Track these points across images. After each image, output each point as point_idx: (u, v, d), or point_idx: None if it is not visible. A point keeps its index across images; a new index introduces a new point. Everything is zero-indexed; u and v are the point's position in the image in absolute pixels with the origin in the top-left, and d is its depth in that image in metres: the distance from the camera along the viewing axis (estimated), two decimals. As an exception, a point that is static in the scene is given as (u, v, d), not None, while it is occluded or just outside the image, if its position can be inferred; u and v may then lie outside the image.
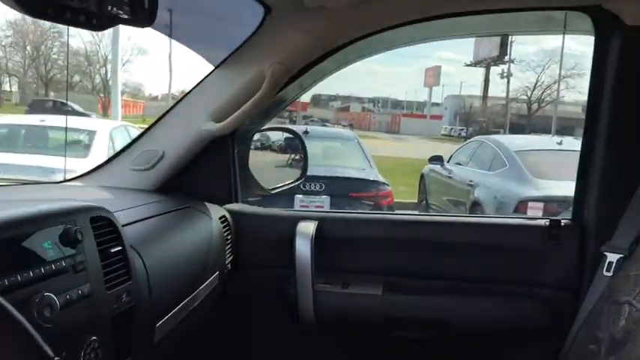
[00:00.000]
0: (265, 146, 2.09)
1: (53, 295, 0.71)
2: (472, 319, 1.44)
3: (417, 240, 1.51)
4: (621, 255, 1.28)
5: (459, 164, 7.32)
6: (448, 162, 7.61)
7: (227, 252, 1.42)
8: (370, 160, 5.86)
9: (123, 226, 0.94)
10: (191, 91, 1.44)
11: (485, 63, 34.05)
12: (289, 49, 1.39)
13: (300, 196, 4.97)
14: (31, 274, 0.70)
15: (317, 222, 1.47)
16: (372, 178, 5.37)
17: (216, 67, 1.46)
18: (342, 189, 5.11)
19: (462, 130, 32.19)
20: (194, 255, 1.23)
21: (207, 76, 1.41)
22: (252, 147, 1.77)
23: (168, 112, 1.46)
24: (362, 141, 6.30)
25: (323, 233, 1.47)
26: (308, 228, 1.44)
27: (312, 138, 5.98)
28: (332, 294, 1.46)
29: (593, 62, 1.40)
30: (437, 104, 43.05)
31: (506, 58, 31.48)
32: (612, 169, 1.39)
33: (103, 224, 0.87)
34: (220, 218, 1.42)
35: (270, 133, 2.09)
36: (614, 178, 1.38)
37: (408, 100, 49.33)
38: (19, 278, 0.69)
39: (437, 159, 7.66)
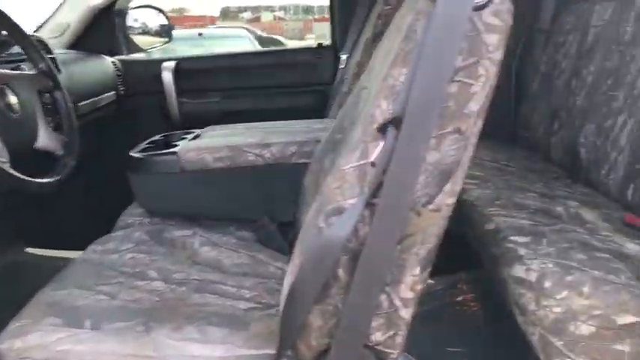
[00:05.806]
0: (145, 31, 2.87)
1: None
2: (283, 106, 2.36)
3: (243, 65, 2.43)
4: (347, 55, 2.25)
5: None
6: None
7: (119, 82, 2.27)
8: None
9: None
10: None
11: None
12: None
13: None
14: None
15: (176, 61, 2.34)
16: None
17: None
18: None
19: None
20: (98, 74, 2.08)
21: None
22: (135, 32, 2.56)
23: None
24: (252, 37, 7.06)
25: (181, 67, 2.34)
26: (170, 65, 2.32)
27: (207, 39, 6.67)
28: (189, 103, 2.36)
29: None
30: (347, 6, 42.97)
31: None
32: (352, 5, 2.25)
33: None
34: (112, 62, 2.27)
35: (147, 21, 2.85)
36: (350, 14, 2.28)
37: (319, 4, 48.89)
38: None
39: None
